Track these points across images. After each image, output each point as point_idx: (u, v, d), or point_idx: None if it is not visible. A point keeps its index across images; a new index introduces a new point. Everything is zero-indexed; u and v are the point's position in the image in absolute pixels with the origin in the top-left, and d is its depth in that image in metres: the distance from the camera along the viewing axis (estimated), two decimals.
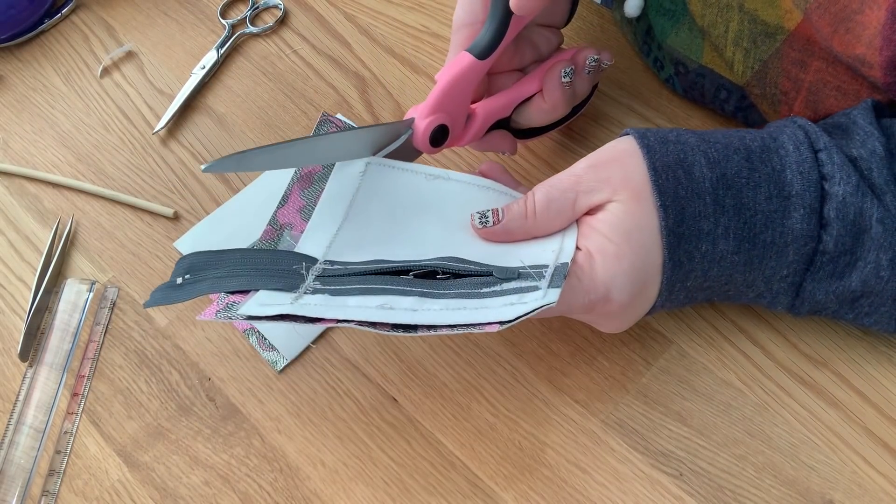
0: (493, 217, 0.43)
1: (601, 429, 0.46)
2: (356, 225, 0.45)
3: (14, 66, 0.67)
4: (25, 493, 0.47)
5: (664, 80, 0.56)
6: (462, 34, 0.48)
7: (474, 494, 0.45)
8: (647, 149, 0.41)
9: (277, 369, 0.49)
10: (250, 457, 0.47)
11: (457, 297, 0.40)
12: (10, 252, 0.57)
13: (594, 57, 0.50)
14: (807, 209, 0.40)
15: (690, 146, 0.42)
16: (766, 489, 0.43)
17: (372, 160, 0.46)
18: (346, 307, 0.40)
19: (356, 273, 0.43)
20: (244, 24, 0.66)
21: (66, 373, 0.51)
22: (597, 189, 0.42)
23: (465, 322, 0.38)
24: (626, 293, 0.41)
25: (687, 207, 0.41)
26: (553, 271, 0.40)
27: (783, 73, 0.46)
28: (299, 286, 0.42)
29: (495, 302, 0.40)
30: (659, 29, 0.53)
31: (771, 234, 0.41)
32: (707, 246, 0.41)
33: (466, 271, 0.42)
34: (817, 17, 0.42)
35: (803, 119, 0.43)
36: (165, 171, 0.59)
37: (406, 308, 0.40)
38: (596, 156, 0.43)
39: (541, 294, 0.39)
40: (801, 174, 0.40)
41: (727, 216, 0.41)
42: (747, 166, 0.41)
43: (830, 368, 0.46)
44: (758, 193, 0.41)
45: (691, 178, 0.41)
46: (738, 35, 0.47)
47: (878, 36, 0.40)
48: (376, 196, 0.46)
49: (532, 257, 0.42)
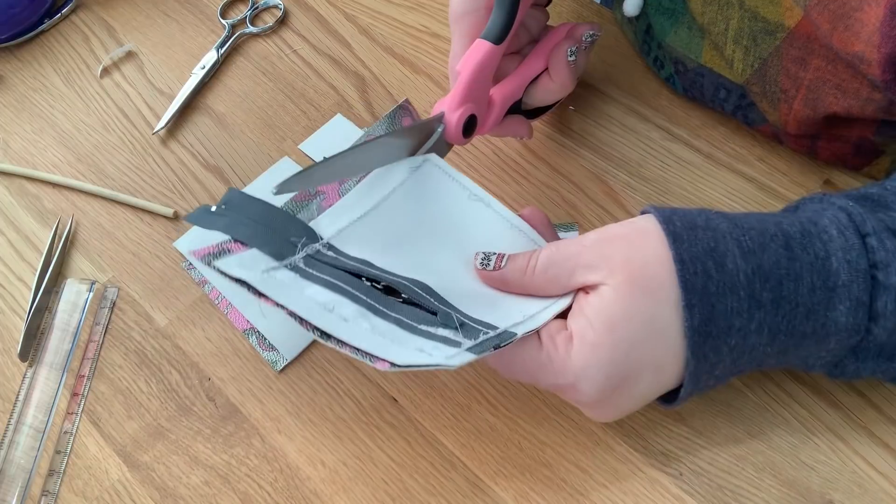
0: (496, 262, 0.41)
1: (601, 429, 0.46)
2: (379, 220, 0.45)
3: (14, 66, 0.67)
4: (25, 493, 0.47)
5: (664, 78, 0.56)
6: (465, 22, 0.48)
7: (474, 494, 0.45)
8: (674, 237, 0.37)
9: (277, 369, 0.49)
10: (250, 457, 0.47)
11: (394, 322, 0.40)
12: (10, 252, 0.57)
13: (590, 32, 0.51)
14: (854, 301, 0.37)
15: (722, 233, 0.37)
16: (766, 489, 0.43)
17: (431, 157, 0.46)
18: (297, 294, 0.40)
19: (337, 267, 0.42)
20: (244, 24, 0.66)
21: (66, 373, 0.51)
22: (595, 266, 0.38)
23: (368, 350, 0.37)
24: (597, 387, 0.38)
25: (717, 305, 0.36)
26: (491, 336, 0.38)
27: (783, 71, 0.46)
28: (286, 258, 0.42)
29: (414, 342, 0.39)
30: (658, 28, 0.53)
31: (812, 325, 0.37)
32: (737, 340, 0.37)
33: (420, 302, 0.41)
34: (817, 14, 0.42)
35: (843, 199, 0.39)
36: (165, 171, 0.59)
37: (341, 316, 0.40)
38: (608, 229, 0.40)
39: (452, 353, 0.37)
40: (847, 262, 0.36)
41: (763, 311, 0.37)
42: (787, 255, 0.37)
43: None
44: (799, 285, 0.37)
45: (723, 271, 0.36)
46: (738, 32, 0.47)
47: (876, 33, 0.40)
48: (414, 196, 0.45)
49: (508, 312, 0.41)
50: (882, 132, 0.48)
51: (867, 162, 0.51)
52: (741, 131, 0.55)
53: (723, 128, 0.55)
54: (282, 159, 0.58)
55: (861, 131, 0.48)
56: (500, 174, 0.55)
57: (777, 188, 0.52)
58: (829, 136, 0.50)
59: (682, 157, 0.55)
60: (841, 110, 0.46)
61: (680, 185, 0.53)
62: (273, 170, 0.57)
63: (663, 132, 0.56)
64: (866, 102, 0.45)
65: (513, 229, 0.44)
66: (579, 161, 0.55)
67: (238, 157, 0.59)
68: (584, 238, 0.40)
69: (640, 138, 0.56)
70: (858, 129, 0.48)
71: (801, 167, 0.53)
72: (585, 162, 0.55)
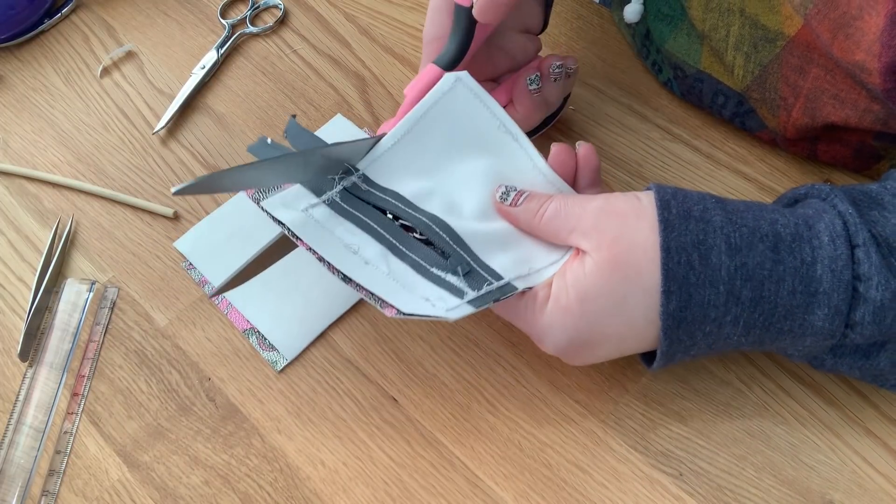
0: (514, 199, 0.43)
1: (601, 429, 0.46)
2: (409, 147, 0.46)
3: (14, 66, 0.67)
4: (25, 493, 0.47)
5: (663, 82, 0.56)
6: (432, 47, 0.48)
7: (474, 494, 0.45)
8: (665, 223, 0.38)
9: (277, 369, 0.49)
10: (250, 457, 0.47)
11: (410, 263, 0.43)
12: (10, 252, 0.57)
13: (557, 63, 0.49)
14: (832, 309, 0.38)
15: (714, 227, 0.38)
16: (766, 489, 0.43)
17: (463, 77, 0.46)
18: (329, 236, 0.43)
19: (369, 202, 0.45)
20: (244, 24, 0.66)
21: (66, 373, 0.51)
22: (588, 235, 0.40)
23: (380, 295, 0.41)
24: (559, 346, 0.41)
25: (695, 295, 0.38)
26: (494, 290, 0.41)
27: (783, 79, 0.46)
28: (324, 192, 0.45)
29: (423, 289, 0.42)
30: (657, 33, 0.53)
31: (789, 324, 0.39)
32: (711, 328, 0.39)
33: (435, 241, 0.43)
34: (817, 23, 0.42)
35: (844, 203, 0.39)
36: (165, 171, 0.59)
37: (364, 259, 0.43)
38: (614, 201, 0.41)
39: (454, 304, 0.41)
40: (832, 271, 0.37)
41: (741, 307, 0.38)
42: (772, 258, 0.38)
43: None
44: (780, 287, 0.38)
45: (707, 264, 0.38)
46: (738, 39, 0.47)
47: (876, 42, 0.40)
48: (444, 120, 0.46)
49: (518, 260, 0.43)
50: (881, 137, 0.48)
51: (867, 166, 0.51)
52: (741, 131, 0.55)
53: (723, 128, 0.55)
54: None
55: (861, 136, 0.48)
56: None
57: (777, 188, 0.52)
58: (829, 139, 0.50)
59: (682, 157, 0.55)
60: (839, 120, 0.46)
61: (680, 185, 0.53)
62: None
63: (663, 132, 0.56)
64: (864, 113, 0.45)
65: (536, 170, 0.45)
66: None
67: (238, 157, 0.59)
68: (591, 200, 0.41)
69: (640, 138, 0.56)
70: (859, 134, 0.48)
71: (800, 167, 0.53)
72: None
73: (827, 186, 0.41)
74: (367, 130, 0.58)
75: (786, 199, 0.43)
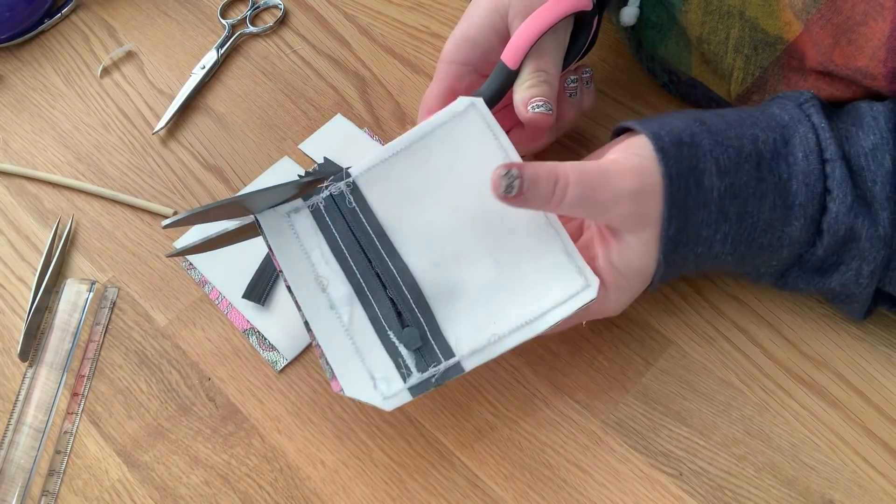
0: (519, 187, 0.38)
1: (601, 429, 0.46)
2: (408, 161, 0.45)
3: (14, 66, 0.67)
4: (25, 493, 0.47)
5: (660, 85, 0.56)
6: (449, 69, 0.48)
7: (474, 494, 0.45)
8: (662, 153, 0.40)
9: (277, 369, 0.49)
10: (250, 457, 0.47)
11: (371, 319, 0.43)
12: (10, 252, 0.57)
13: (572, 78, 0.49)
14: (808, 219, 0.41)
15: (703, 151, 0.40)
16: (766, 489, 0.43)
17: (477, 102, 0.45)
18: (303, 260, 0.44)
19: (350, 225, 0.45)
20: (244, 24, 0.66)
21: (66, 373, 0.51)
22: (632, 221, 0.40)
23: (331, 362, 0.42)
24: (625, 306, 0.44)
25: (691, 217, 0.40)
26: (437, 372, 0.42)
27: (783, 81, 0.46)
28: (311, 198, 0.45)
29: (373, 359, 0.42)
30: (648, 41, 0.53)
31: (769, 238, 0.42)
32: (703, 249, 0.42)
33: (398, 306, 0.43)
34: (819, 28, 0.42)
35: (818, 114, 0.41)
36: (165, 171, 0.59)
37: (330, 301, 0.44)
38: (644, 180, 0.40)
39: (395, 390, 0.42)
40: (806, 185, 0.40)
41: (728, 223, 0.41)
42: (756, 176, 0.41)
43: (830, 368, 0.46)
44: (763, 203, 0.41)
45: (700, 187, 0.40)
46: (738, 42, 0.47)
47: (882, 48, 0.39)
48: (449, 143, 0.45)
49: (485, 323, 0.42)
50: None
51: None
52: None
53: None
54: (282, 159, 0.58)
55: None
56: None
57: None
58: None
59: None
60: None
61: None
62: (273, 169, 0.57)
63: None
64: None
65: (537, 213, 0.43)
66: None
67: (238, 157, 0.59)
68: (621, 181, 0.40)
69: None
70: None
71: None
72: None
73: (807, 92, 0.43)
74: (366, 130, 0.58)
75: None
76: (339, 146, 0.58)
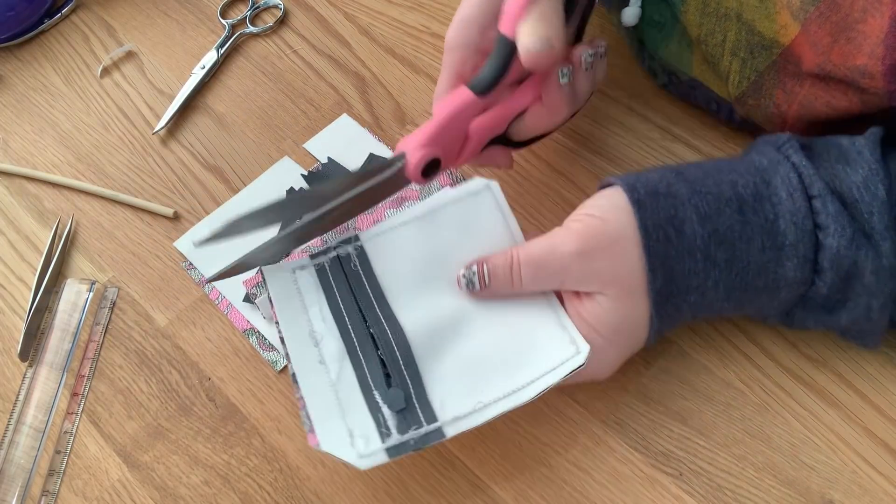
0: (480, 282, 0.43)
1: (601, 429, 0.46)
2: (418, 232, 0.46)
3: (14, 66, 0.67)
4: (25, 493, 0.47)
5: (660, 86, 0.56)
6: (455, 56, 0.47)
7: (474, 494, 0.45)
8: (638, 205, 0.40)
9: (277, 369, 0.49)
10: (250, 457, 0.47)
11: (359, 378, 0.43)
12: (10, 252, 0.57)
13: (589, 52, 0.48)
14: (800, 259, 0.40)
15: (681, 200, 0.41)
16: (766, 489, 0.43)
17: (492, 186, 0.46)
18: (301, 313, 0.44)
19: (352, 288, 0.45)
20: (244, 24, 0.66)
21: (66, 373, 0.51)
22: (585, 282, 0.41)
23: (311, 416, 0.41)
24: (609, 371, 0.44)
25: (676, 267, 0.40)
26: (416, 436, 0.41)
27: (779, 85, 0.46)
28: (317, 258, 0.46)
29: (354, 416, 0.41)
30: (650, 41, 0.53)
31: (763, 280, 0.41)
32: (696, 297, 0.41)
33: (390, 360, 0.43)
34: (817, 27, 0.42)
35: (798, 154, 0.41)
36: (165, 171, 0.59)
37: (320, 356, 0.43)
38: (587, 240, 0.41)
39: (372, 449, 0.40)
40: (794, 224, 0.40)
41: (718, 270, 0.41)
42: (740, 219, 0.40)
43: (830, 368, 0.46)
44: (751, 246, 0.40)
45: (682, 236, 0.40)
46: (735, 45, 0.46)
47: (880, 45, 0.39)
48: (460, 219, 0.46)
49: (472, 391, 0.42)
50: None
51: None
52: (741, 131, 0.55)
53: (723, 128, 0.55)
54: (282, 159, 0.58)
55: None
56: (500, 174, 0.55)
57: None
58: None
59: (682, 157, 0.55)
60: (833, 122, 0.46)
61: None
62: (273, 170, 0.57)
63: (663, 132, 0.56)
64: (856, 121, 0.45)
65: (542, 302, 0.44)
66: (579, 161, 0.55)
67: (238, 157, 0.59)
68: (563, 245, 0.41)
69: (640, 138, 0.56)
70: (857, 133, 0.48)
71: None
72: (585, 162, 0.55)
73: (785, 135, 0.43)
74: (367, 130, 0.58)
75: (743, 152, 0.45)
76: (344, 146, 0.58)
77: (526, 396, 0.41)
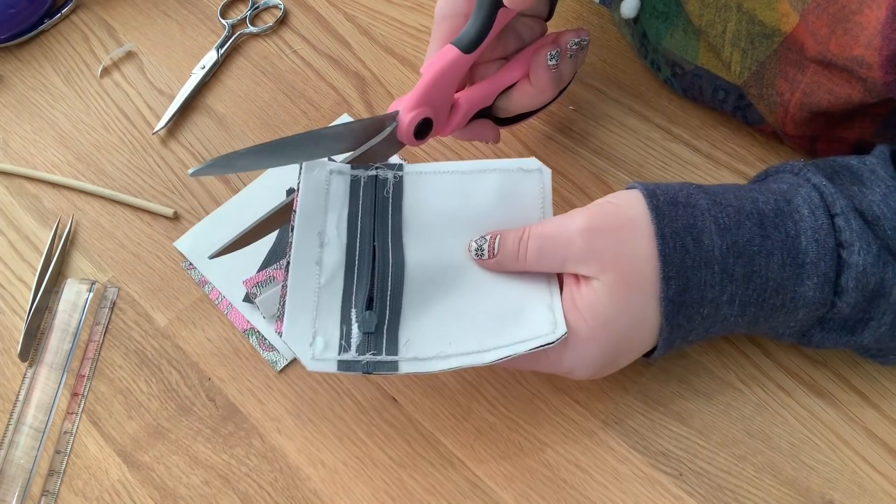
0: (489, 251, 0.43)
1: (601, 429, 0.46)
2: (457, 186, 0.46)
3: (14, 66, 0.67)
4: (25, 493, 0.47)
5: (662, 80, 0.56)
6: (444, 25, 0.48)
7: (474, 494, 0.45)
8: (656, 211, 0.39)
9: (277, 369, 0.49)
10: (250, 457, 0.47)
11: (345, 291, 0.43)
12: (10, 252, 0.57)
13: (575, 40, 0.50)
14: (821, 278, 0.39)
15: (701, 210, 0.40)
16: (766, 489, 0.43)
17: (545, 171, 0.46)
18: (319, 212, 0.45)
19: (376, 207, 0.45)
20: (244, 24, 0.66)
21: (66, 373, 0.51)
22: (585, 261, 0.40)
23: (288, 306, 0.42)
24: (591, 372, 0.42)
25: (692, 277, 0.39)
26: (369, 361, 0.41)
27: (780, 74, 0.46)
28: (358, 168, 0.46)
29: (327, 321, 0.42)
30: (653, 32, 0.53)
31: (781, 298, 0.40)
32: (709, 310, 0.40)
33: (380, 282, 0.43)
34: (814, 18, 0.42)
35: (817, 175, 0.41)
36: (165, 171, 0.59)
37: (319, 257, 0.44)
38: (597, 218, 0.40)
39: (328, 356, 0.42)
40: (816, 241, 0.39)
41: (735, 284, 0.39)
42: (760, 233, 0.39)
43: (830, 368, 0.46)
44: (770, 261, 0.39)
45: (700, 246, 0.39)
46: (735, 35, 0.47)
47: (877, 36, 0.40)
48: (502, 189, 0.46)
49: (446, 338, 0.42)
50: (881, 134, 0.48)
51: None
52: (741, 131, 0.55)
53: (723, 128, 0.55)
54: None
55: (860, 132, 0.48)
56: None
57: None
58: (828, 138, 0.50)
59: (682, 157, 0.55)
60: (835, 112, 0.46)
61: None
62: (273, 170, 0.57)
63: (663, 132, 0.56)
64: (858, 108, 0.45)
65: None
66: (579, 161, 0.55)
67: None
68: (572, 222, 0.41)
69: (640, 138, 0.56)
70: (858, 131, 0.48)
71: None
72: (585, 162, 0.55)
73: (799, 162, 0.42)
74: None
75: (759, 177, 0.45)
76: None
77: (487, 359, 0.41)
